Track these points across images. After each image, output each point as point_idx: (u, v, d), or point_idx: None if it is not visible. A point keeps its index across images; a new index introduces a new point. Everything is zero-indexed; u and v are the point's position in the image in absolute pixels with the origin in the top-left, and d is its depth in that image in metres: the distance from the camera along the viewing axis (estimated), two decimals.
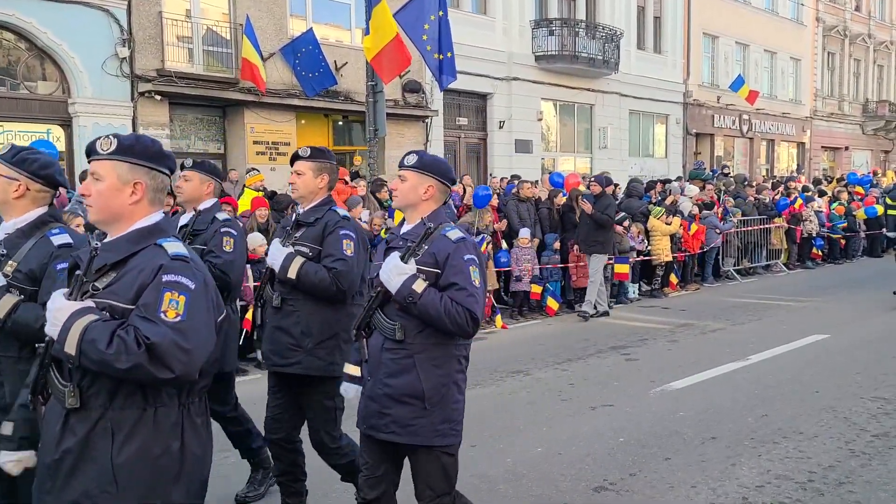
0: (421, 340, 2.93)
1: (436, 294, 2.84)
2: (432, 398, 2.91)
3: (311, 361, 3.69)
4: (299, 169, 3.80)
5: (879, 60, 36.26)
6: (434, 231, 2.95)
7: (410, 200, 3.08)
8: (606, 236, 10.25)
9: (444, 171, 3.14)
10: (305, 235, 3.71)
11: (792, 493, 4.23)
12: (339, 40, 16.75)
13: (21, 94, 12.78)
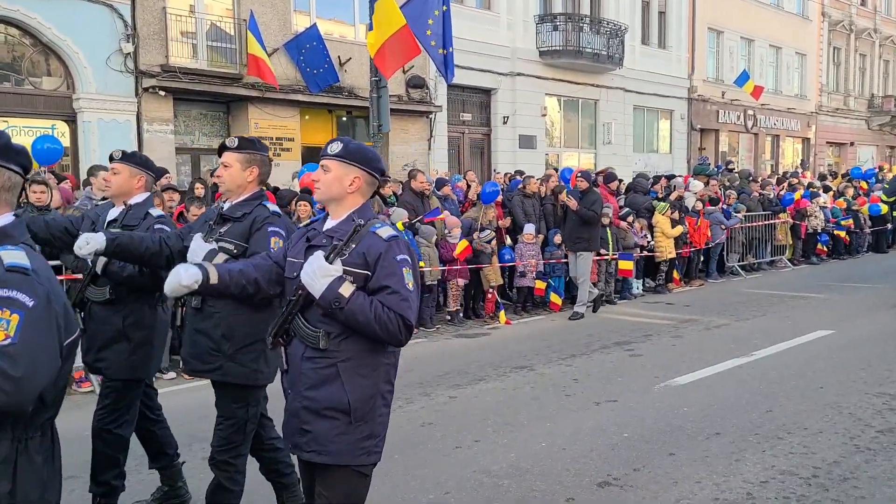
0: (346, 348, 2.66)
1: (365, 298, 2.59)
2: (359, 411, 2.67)
3: (232, 368, 3.47)
4: (226, 161, 3.56)
5: (885, 55, 36.11)
6: (363, 228, 2.70)
7: (334, 193, 2.79)
8: (592, 233, 10.01)
9: (370, 161, 2.83)
10: (231, 231, 3.48)
11: (796, 489, 4.23)
12: (343, 36, 16.73)
13: (25, 90, 12.79)
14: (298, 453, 2.77)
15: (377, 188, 10.39)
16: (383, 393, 2.76)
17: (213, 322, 3.47)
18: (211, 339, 3.47)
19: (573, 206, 9.78)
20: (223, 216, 3.54)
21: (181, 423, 5.68)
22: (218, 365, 3.48)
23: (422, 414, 5.80)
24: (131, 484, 4.48)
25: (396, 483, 4.41)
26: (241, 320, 3.43)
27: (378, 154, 2.93)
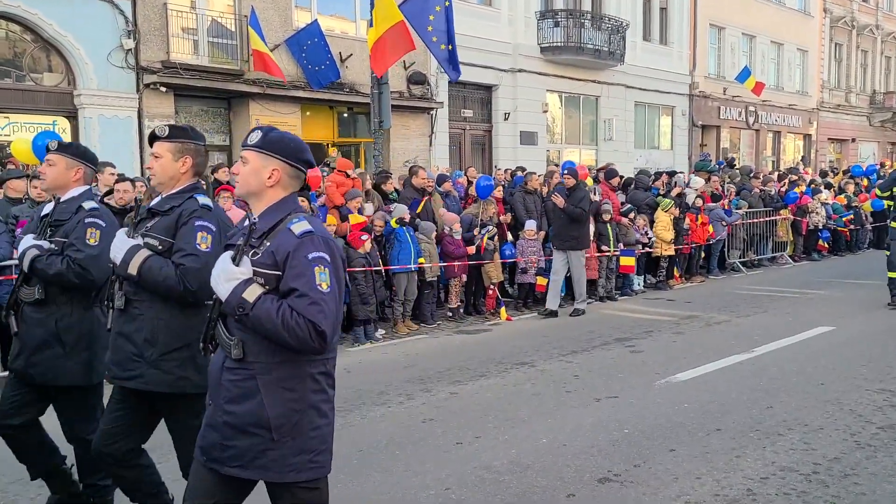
0: (265, 359, 2.47)
1: (272, 303, 2.40)
2: (281, 427, 2.47)
3: (155, 375, 3.16)
4: (157, 151, 3.29)
5: (887, 52, 36.06)
6: (279, 224, 2.52)
7: (252, 187, 2.59)
8: (581, 231, 9.81)
9: (292, 151, 2.62)
10: (157, 226, 3.21)
11: (797, 485, 4.23)
12: (344, 32, 16.73)
13: (27, 86, 12.80)
14: (218, 467, 2.57)
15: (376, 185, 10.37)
16: (316, 404, 2.53)
17: (137, 325, 3.19)
18: (133, 344, 3.18)
19: (560, 204, 9.60)
20: (151, 210, 3.29)
21: None
22: (139, 372, 3.17)
23: (423, 410, 5.81)
24: None
25: (397, 479, 4.42)
26: (166, 324, 3.16)
27: (303, 144, 2.71)
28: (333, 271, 2.49)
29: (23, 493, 4.34)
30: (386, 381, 6.72)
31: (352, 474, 4.51)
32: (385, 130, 13.56)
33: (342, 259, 2.63)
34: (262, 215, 2.58)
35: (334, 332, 2.47)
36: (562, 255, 9.88)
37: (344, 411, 5.80)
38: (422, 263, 9.11)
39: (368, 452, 4.88)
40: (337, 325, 2.49)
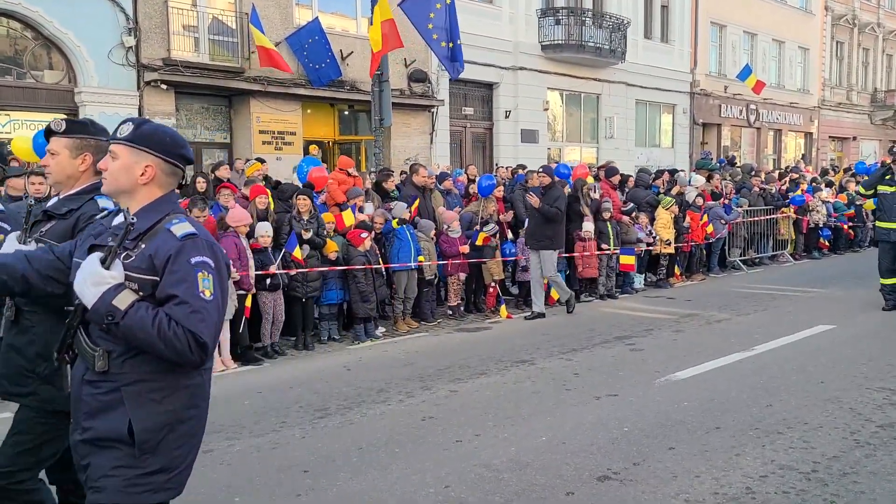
0: (132, 369, 2.26)
1: (148, 311, 2.17)
2: (147, 442, 2.25)
3: (49, 392, 2.84)
4: (53, 148, 3.01)
5: (888, 49, 36.02)
6: (157, 225, 2.30)
7: (123, 185, 2.35)
8: (556, 231, 9.59)
9: (168, 147, 2.39)
10: (53, 230, 2.94)
11: (796, 484, 4.23)
12: (345, 29, 16.72)
13: (27, 83, 12.81)
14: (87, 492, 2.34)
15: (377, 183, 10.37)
16: (184, 419, 2.33)
17: (28, 338, 2.91)
18: (25, 358, 2.90)
19: (535, 204, 9.41)
20: (47, 213, 3.01)
21: None
22: (31, 389, 2.90)
23: (422, 408, 5.82)
24: None
25: (397, 477, 4.43)
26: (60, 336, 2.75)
27: (180, 138, 2.50)
28: (217, 278, 2.29)
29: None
30: (386, 378, 6.72)
31: (351, 472, 4.52)
32: (386, 128, 13.59)
33: (227, 265, 2.44)
34: (136, 216, 2.35)
35: (215, 343, 2.29)
36: (537, 255, 9.68)
37: (344, 409, 5.82)
38: (422, 262, 9.11)
39: (368, 450, 4.88)
40: (218, 335, 2.31)
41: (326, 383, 6.63)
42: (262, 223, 7.90)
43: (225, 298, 2.36)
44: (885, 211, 9.66)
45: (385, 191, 10.24)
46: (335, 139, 17.32)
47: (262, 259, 7.67)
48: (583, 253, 10.61)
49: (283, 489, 4.29)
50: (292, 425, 5.44)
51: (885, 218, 9.68)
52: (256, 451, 4.93)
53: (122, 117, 10.12)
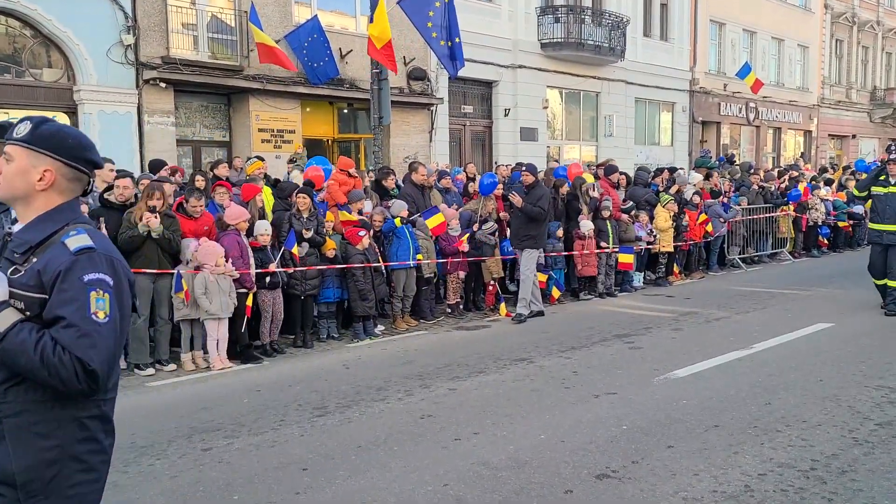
0: (15, 398, 1.99)
1: (30, 333, 1.93)
2: (32, 483, 1.99)
3: None
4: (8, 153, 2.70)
5: (888, 48, 36.01)
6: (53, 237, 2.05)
7: (17, 190, 2.10)
8: (539, 230, 9.38)
9: (71, 149, 2.13)
10: None
11: (794, 482, 4.24)
12: (344, 27, 16.71)
13: (26, 81, 12.79)
14: None
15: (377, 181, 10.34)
16: (80, 455, 2.06)
17: None
18: None
19: (518, 203, 9.20)
20: None
21: (182, 415, 5.73)
22: None
23: (421, 406, 5.82)
24: (131, 476, 4.51)
25: (395, 475, 4.43)
26: None
27: (86, 140, 2.21)
28: (115, 297, 2.03)
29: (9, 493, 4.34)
30: (385, 377, 6.73)
31: (350, 470, 4.52)
32: (385, 126, 13.56)
33: (130, 282, 2.16)
34: (30, 225, 2.10)
35: (111, 370, 2.04)
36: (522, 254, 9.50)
37: (343, 407, 5.82)
38: (420, 260, 9.11)
39: (367, 448, 4.89)
40: (114, 361, 2.07)
41: (325, 381, 6.63)
42: (260, 221, 7.90)
43: (126, 320, 2.11)
44: (878, 212, 9.37)
45: (385, 189, 10.23)
46: (334, 137, 17.31)
47: (261, 257, 7.67)
48: (582, 251, 10.61)
49: (282, 487, 4.29)
50: (291, 423, 5.45)
51: (879, 219, 9.37)
52: (255, 449, 4.93)
53: (122, 115, 10.09)
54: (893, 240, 9.18)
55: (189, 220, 7.47)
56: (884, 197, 9.29)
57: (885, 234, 9.22)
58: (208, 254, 7.11)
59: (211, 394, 6.36)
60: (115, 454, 5.00)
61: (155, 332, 7.24)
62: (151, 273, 6.99)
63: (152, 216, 6.81)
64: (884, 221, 9.25)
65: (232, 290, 7.26)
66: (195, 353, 7.31)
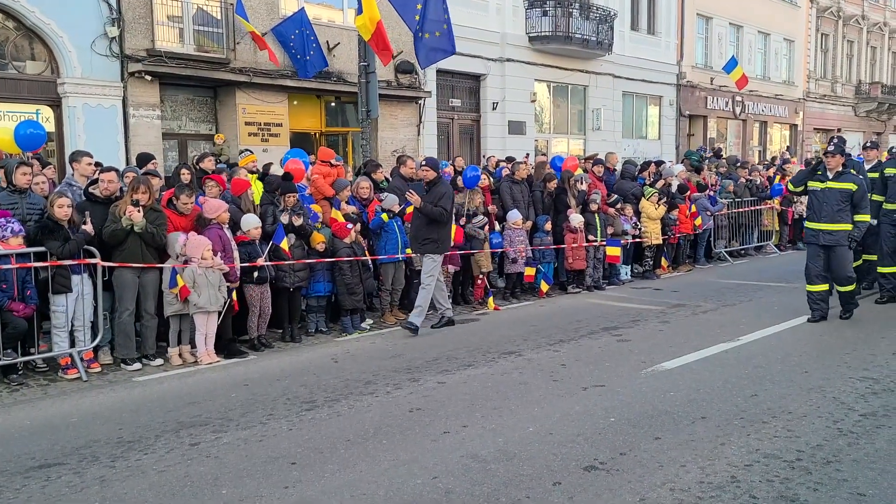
0: None
1: None
2: None
3: None
4: None
5: (873, 42, 36.25)
6: None
7: None
8: (441, 233, 8.32)
9: None
10: None
11: (780, 472, 4.27)
12: (332, 20, 16.63)
13: (9, 74, 12.65)
14: None
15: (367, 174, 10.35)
16: None
17: None
18: None
19: (415, 203, 8.20)
20: None
21: (169, 410, 5.70)
22: None
23: (410, 399, 5.82)
24: (118, 470, 4.48)
25: (385, 468, 4.43)
26: None
27: None
28: None
29: (7, 484, 4.32)
30: (373, 370, 6.72)
31: (339, 463, 4.52)
32: (373, 120, 13.52)
33: None
34: None
35: None
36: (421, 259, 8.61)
37: (331, 400, 5.81)
38: (408, 254, 9.10)
39: (356, 441, 4.88)
40: None
41: (314, 375, 6.62)
42: (249, 216, 7.85)
43: None
44: (814, 210, 8.43)
45: (374, 181, 10.20)
46: (322, 131, 17.25)
47: (248, 251, 7.64)
48: (572, 245, 10.63)
49: (271, 481, 4.29)
50: (280, 417, 5.43)
51: (815, 217, 8.42)
52: (244, 443, 4.92)
53: (106, 108, 10.05)
54: (831, 240, 8.29)
55: (179, 216, 7.42)
56: (821, 193, 8.35)
57: (822, 234, 8.33)
58: (195, 247, 7.08)
59: (198, 388, 6.33)
60: (103, 449, 5.01)
61: (141, 326, 7.19)
62: (137, 267, 6.94)
63: (135, 210, 6.76)
64: (821, 220, 8.34)
65: (222, 283, 7.22)
66: (182, 347, 7.28)
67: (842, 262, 8.34)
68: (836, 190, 8.25)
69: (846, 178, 8.29)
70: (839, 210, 8.22)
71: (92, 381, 6.61)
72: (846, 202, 8.23)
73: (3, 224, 6.39)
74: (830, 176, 8.34)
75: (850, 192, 8.21)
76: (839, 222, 8.24)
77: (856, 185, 8.22)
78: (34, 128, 8.87)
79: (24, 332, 6.50)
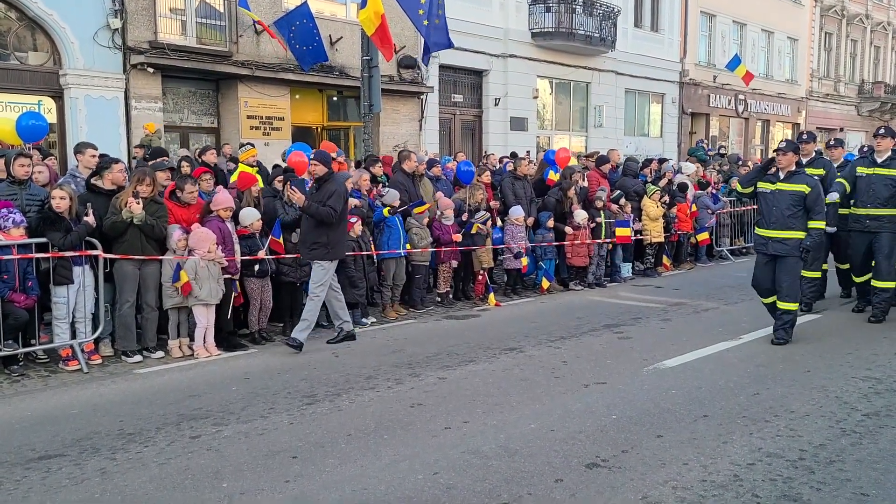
0: None
1: None
2: None
3: None
4: None
5: (876, 41, 36.18)
6: None
7: None
8: (332, 236, 7.30)
9: None
10: None
11: (783, 471, 4.26)
12: (334, 14, 16.59)
13: (11, 65, 12.62)
14: None
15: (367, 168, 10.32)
16: None
17: None
18: None
19: (298, 202, 7.19)
20: None
21: (170, 402, 5.69)
22: None
23: (411, 395, 5.81)
24: (119, 463, 4.47)
25: (386, 463, 4.42)
26: None
27: None
28: None
29: (8, 475, 4.30)
30: (375, 365, 6.71)
31: (340, 458, 4.51)
32: (375, 115, 13.50)
33: None
34: None
35: None
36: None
37: (332, 395, 5.80)
38: (409, 249, 9.09)
39: (357, 437, 4.87)
40: None
41: (314, 370, 6.61)
42: (249, 209, 7.83)
43: None
44: (763, 214, 7.46)
45: (374, 176, 10.17)
46: (324, 125, 17.22)
47: (249, 245, 7.62)
48: (573, 241, 10.60)
49: (272, 475, 4.27)
50: (280, 411, 5.42)
51: (764, 223, 7.44)
52: (244, 436, 4.91)
53: (108, 100, 10.02)
54: (781, 249, 7.26)
55: (181, 208, 7.40)
56: (770, 196, 7.33)
57: (771, 243, 7.33)
58: (200, 239, 7.06)
59: (199, 381, 6.32)
60: (104, 440, 5.00)
61: (142, 319, 7.18)
62: (137, 259, 6.92)
63: (135, 202, 6.73)
64: (769, 226, 7.34)
65: (221, 276, 7.21)
66: (182, 339, 7.26)
67: (788, 275, 7.30)
68: (787, 192, 7.19)
69: (799, 179, 7.21)
70: (791, 215, 7.16)
71: (93, 373, 6.59)
72: (798, 206, 7.15)
73: (5, 214, 6.37)
74: (782, 176, 7.27)
75: (803, 195, 7.13)
76: (791, 229, 7.18)
77: (809, 187, 7.14)
78: (36, 119, 8.84)
79: (25, 323, 6.49)
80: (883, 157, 8.33)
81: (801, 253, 7.24)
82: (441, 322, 8.84)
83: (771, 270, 7.44)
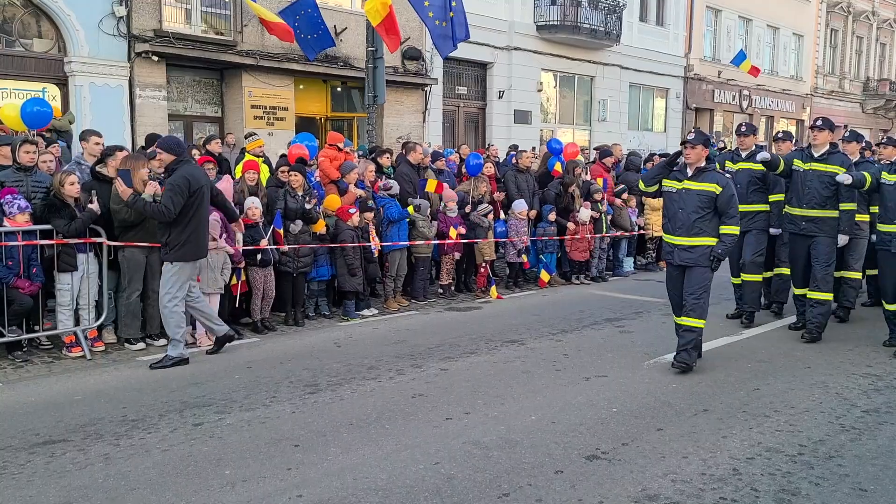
0: None
1: None
2: None
3: None
4: None
5: (882, 38, 36.05)
6: None
7: None
8: (182, 235, 6.36)
9: None
10: None
11: (782, 466, 4.28)
12: (339, 4, 16.56)
13: (16, 52, 12.62)
14: None
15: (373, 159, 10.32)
16: None
17: None
18: None
19: (123, 195, 6.40)
20: None
21: (173, 390, 5.72)
22: None
23: (413, 385, 5.83)
24: (122, 449, 4.50)
25: (387, 453, 4.45)
26: None
27: None
28: None
29: (12, 459, 4.34)
30: (376, 355, 6.73)
31: (342, 447, 4.53)
32: (379, 106, 13.48)
33: None
34: None
35: None
36: None
37: (334, 385, 5.82)
38: (412, 242, 9.11)
39: (358, 426, 4.90)
40: None
41: (317, 359, 6.63)
42: (250, 198, 7.85)
43: None
44: (668, 217, 6.40)
45: (380, 166, 10.17)
46: (327, 115, 17.20)
47: (252, 234, 7.63)
48: (573, 236, 10.60)
49: (274, 463, 4.30)
50: (283, 400, 5.45)
51: (669, 228, 6.39)
52: (247, 424, 4.94)
53: (113, 88, 9.95)
54: (688, 259, 6.24)
55: None
56: (676, 196, 6.29)
57: (678, 251, 6.30)
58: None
59: (202, 369, 6.35)
60: (107, 427, 5.03)
61: (147, 306, 7.20)
62: (144, 247, 6.93)
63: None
64: (675, 231, 6.31)
65: (226, 265, 7.23)
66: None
67: (694, 288, 6.24)
68: (694, 192, 6.16)
69: (709, 178, 6.16)
70: (699, 218, 6.14)
71: (96, 360, 6.62)
72: (707, 208, 6.14)
73: (10, 200, 6.39)
74: (690, 173, 6.23)
75: (713, 196, 6.12)
76: (699, 235, 6.17)
77: (720, 187, 6.10)
78: (40, 106, 8.84)
79: (29, 310, 6.52)
80: (820, 152, 7.38)
81: (710, 262, 6.18)
82: (443, 314, 8.87)
83: (681, 283, 6.38)
